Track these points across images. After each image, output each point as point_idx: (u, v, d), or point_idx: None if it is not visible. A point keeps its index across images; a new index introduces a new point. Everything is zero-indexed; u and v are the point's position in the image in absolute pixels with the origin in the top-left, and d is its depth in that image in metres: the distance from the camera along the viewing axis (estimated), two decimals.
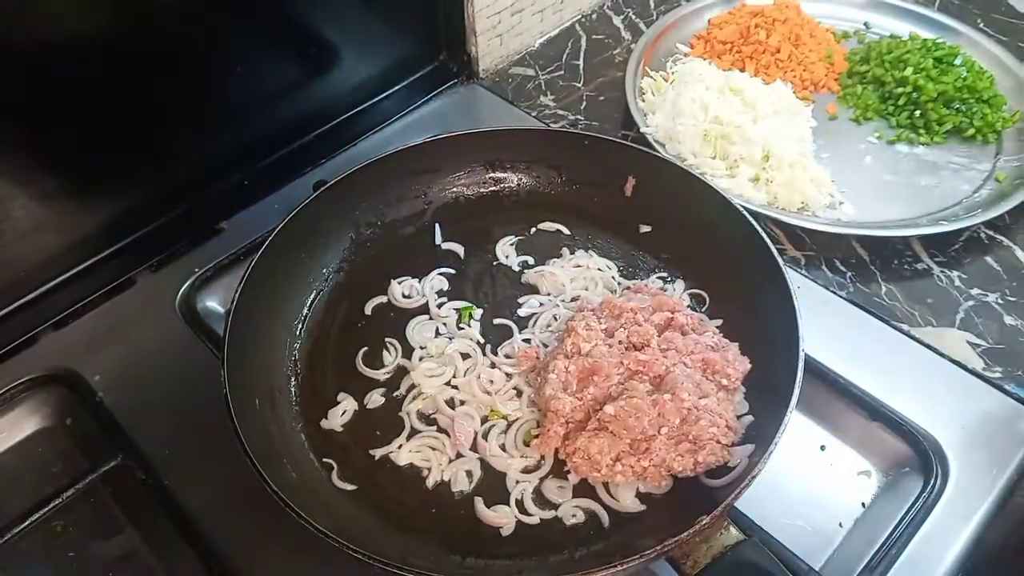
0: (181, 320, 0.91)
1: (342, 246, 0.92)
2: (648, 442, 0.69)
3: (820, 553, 0.74)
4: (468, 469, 0.75)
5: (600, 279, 0.90)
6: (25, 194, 0.84)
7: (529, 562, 0.69)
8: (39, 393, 0.86)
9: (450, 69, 1.22)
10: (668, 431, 0.69)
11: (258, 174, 1.05)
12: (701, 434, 0.69)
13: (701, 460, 0.69)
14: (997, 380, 0.85)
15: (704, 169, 1.06)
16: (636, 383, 0.73)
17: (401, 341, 0.85)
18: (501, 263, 0.93)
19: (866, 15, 1.33)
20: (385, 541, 0.69)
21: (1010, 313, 0.92)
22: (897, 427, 0.79)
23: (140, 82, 0.87)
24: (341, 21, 1.03)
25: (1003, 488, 0.77)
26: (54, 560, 0.76)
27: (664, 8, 1.36)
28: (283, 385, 0.81)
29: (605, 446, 0.69)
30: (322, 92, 1.08)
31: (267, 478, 0.64)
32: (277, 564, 0.72)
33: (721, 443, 0.70)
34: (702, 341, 0.77)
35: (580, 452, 0.70)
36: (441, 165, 0.97)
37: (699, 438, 0.69)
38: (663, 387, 0.72)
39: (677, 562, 0.63)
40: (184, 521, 0.75)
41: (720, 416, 0.70)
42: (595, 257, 0.92)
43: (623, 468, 0.69)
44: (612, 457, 0.69)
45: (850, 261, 0.98)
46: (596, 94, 1.22)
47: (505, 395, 0.80)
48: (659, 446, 0.69)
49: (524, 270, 0.92)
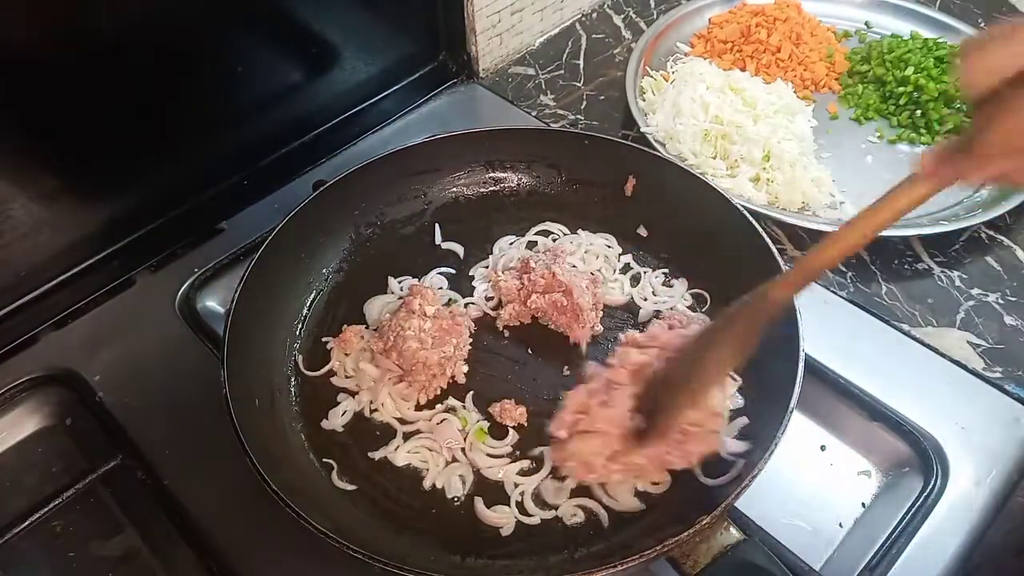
0: (181, 320, 0.91)
1: (342, 246, 0.92)
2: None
3: (820, 553, 0.74)
4: (461, 474, 0.75)
5: (602, 253, 0.91)
6: (25, 194, 0.84)
7: (529, 562, 0.69)
8: (39, 393, 0.86)
9: (450, 69, 1.22)
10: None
11: (258, 174, 1.05)
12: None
13: (692, 450, 0.68)
14: (997, 380, 0.85)
15: (704, 169, 1.06)
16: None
17: None
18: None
19: (867, 14, 1.33)
20: (385, 541, 0.69)
21: (1010, 313, 0.92)
22: (897, 427, 0.79)
23: (140, 82, 0.87)
24: (341, 21, 1.03)
25: (1003, 488, 0.77)
26: (54, 560, 0.76)
27: (664, 7, 1.35)
28: (283, 385, 0.81)
29: (597, 446, 0.69)
30: (322, 92, 1.08)
31: (267, 478, 0.64)
32: (277, 564, 0.72)
33: (708, 430, 0.69)
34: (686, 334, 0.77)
35: (574, 456, 0.70)
36: (441, 165, 0.97)
37: (684, 428, 0.68)
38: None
39: (677, 562, 0.63)
40: (184, 521, 0.75)
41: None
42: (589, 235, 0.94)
43: (618, 467, 0.69)
44: (606, 456, 0.69)
45: (850, 261, 0.98)
46: (596, 93, 1.22)
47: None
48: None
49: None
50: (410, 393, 0.79)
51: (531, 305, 0.84)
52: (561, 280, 0.82)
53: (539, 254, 0.89)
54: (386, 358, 0.79)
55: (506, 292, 0.86)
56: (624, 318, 0.87)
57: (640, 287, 0.89)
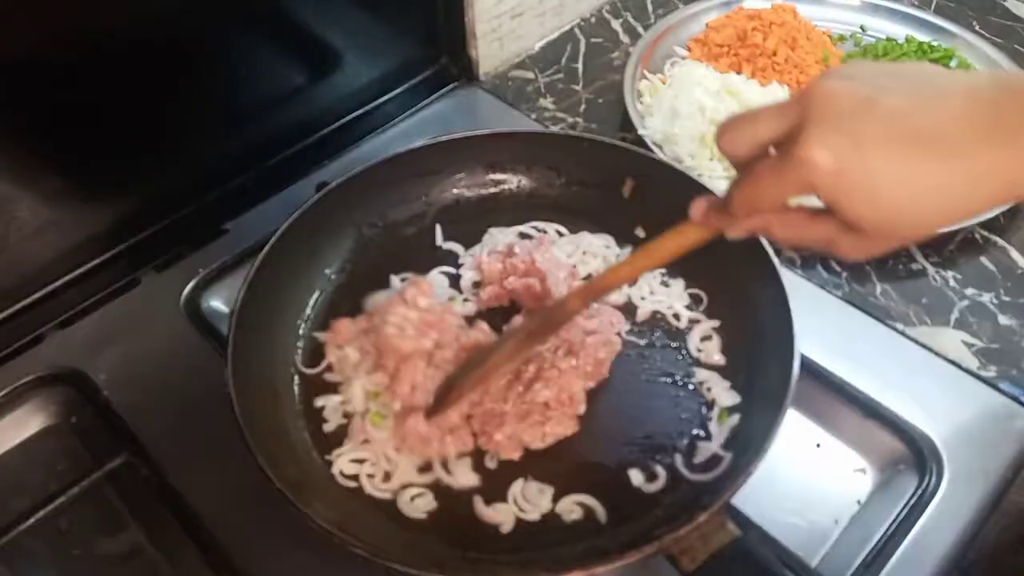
0: (186, 320, 0.92)
1: (344, 247, 0.93)
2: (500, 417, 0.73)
3: (816, 550, 0.75)
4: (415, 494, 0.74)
5: (600, 254, 0.92)
6: (30, 195, 0.85)
7: (529, 557, 0.70)
8: (44, 392, 0.87)
9: (451, 72, 1.23)
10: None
11: (262, 175, 1.06)
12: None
13: (549, 431, 0.74)
14: (991, 379, 0.86)
15: (702, 171, 1.07)
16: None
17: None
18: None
19: (862, 18, 1.34)
20: (387, 537, 0.70)
21: (1004, 313, 0.93)
22: (892, 425, 0.80)
23: (145, 84, 0.88)
24: (343, 25, 1.04)
25: (997, 486, 0.77)
26: (59, 558, 0.76)
27: (662, 12, 1.37)
28: (287, 384, 0.82)
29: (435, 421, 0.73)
30: (325, 95, 1.09)
31: (271, 475, 0.65)
32: (281, 560, 0.73)
33: (566, 413, 0.74)
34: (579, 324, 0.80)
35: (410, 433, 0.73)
36: (442, 167, 0.98)
37: (544, 409, 0.74)
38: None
39: (675, 558, 0.64)
40: (189, 518, 0.76)
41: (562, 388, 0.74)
42: (588, 235, 0.95)
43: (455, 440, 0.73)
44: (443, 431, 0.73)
45: (845, 261, 0.99)
46: (595, 97, 1.23)
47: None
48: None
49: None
50: (383, 381, 0.79)
51: (507, 286, 0.86)
52: (539, 267, 0.84)
53: (525, 241, 0.91)
54: (367, 338, 0.80)
55: (488, 274, 0.88)
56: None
57: (637, 286, 0.90)
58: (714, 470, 0.74)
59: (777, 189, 0.50)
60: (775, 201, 0.51)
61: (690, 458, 0.75)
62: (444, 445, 0.74)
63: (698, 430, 0.77)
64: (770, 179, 0.49)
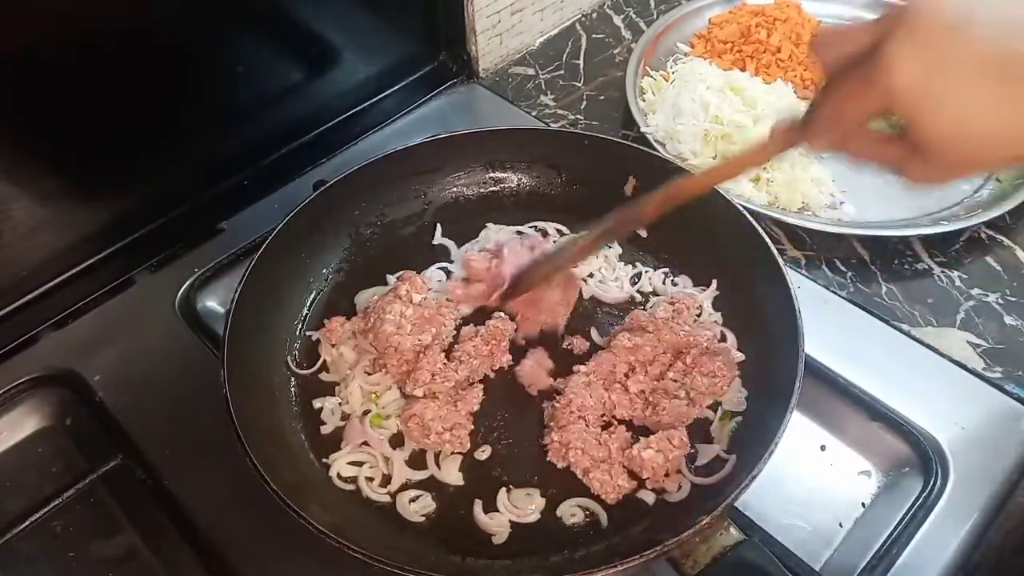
0: (181, 320, 0.91)
1: (342, 246, 0.92)
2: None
3: (820, 553, 0.74)
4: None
5: (602, 253, 0.92)
6: (25, 194, 0.84)
7: (529, 562, 0.69)
8: (39, 393, 0.86)
9: (450, 68, 1.22)
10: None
11: (258, 174, 1.05)
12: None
13: (537, 319, 0.81)
14: (997, 380, 0.85)
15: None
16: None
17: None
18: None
19: (867, 14, 1.32)
20: (385, 541, 0.69)
21: (1010, 313, 0.92)
22: (897, 427, 0.79)
23: (141, 82, 0.87)
24: (341, 21, 1.03)
25: (1003, 488, 0.77)
26: (54, 560, 0.76)
27: (664, 7, 1.35)
28: (283, 385, 0.81)
29: (441, 414, 0.73)
30: (322, 92, 1.08)
31: (267, 478, 0.64)
32: (277, 563, 0.72)
33: (558, 302, 0.81)
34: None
35: (415, 418, 0.73)
36: (441, 165, 0.97)
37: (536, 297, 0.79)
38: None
39: (677, 562, 0.63)
40: (184, 521, 0.75)
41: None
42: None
43: (452, 438, 0.73)
44: (445, 427, 0.73)
45: (850, 261, 0.98)
46: (596, 93, 1.22)
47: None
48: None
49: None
50: (383, 382, 0.78)
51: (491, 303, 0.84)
52: (502, 272, 0.83)
53: (515, 240, 0.89)
54: (364, 338, 0.79)
55: (475, 273, 0.86)
56: (623, 315, 0.87)
57: (640, 285, 0.89)
58: (717, 473, 0.73)
59: (862, 101, 0.51)
60: (859, 114, 0.52)
61: (692, 460, 0.75)
62: (442, 439, 0.74)
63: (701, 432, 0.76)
64: (857, 89, 0.50)
